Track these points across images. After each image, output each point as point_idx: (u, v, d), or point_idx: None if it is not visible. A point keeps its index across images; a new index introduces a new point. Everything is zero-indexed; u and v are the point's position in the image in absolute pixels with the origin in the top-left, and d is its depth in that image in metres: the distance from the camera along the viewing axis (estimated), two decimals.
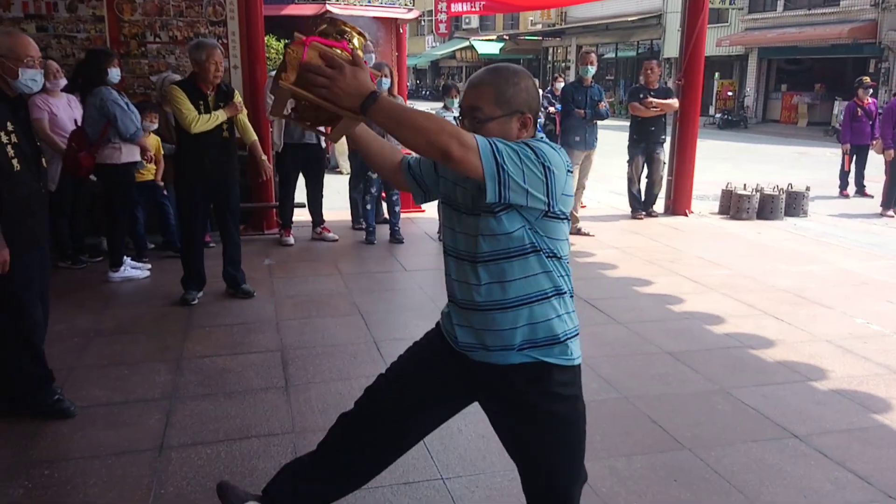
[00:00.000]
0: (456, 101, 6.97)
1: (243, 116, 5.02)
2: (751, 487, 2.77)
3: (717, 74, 26.70)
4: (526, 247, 1.76)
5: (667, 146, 8.13)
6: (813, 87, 25.14)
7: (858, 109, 9.80)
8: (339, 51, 1.67)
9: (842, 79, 24.16)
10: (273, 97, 1.81)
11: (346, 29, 1.78)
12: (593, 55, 7.43)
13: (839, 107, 20.36)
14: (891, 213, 8.66)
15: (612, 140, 11.33)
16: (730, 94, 26.53)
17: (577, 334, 1.90)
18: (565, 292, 1.85)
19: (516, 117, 1.76)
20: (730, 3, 25.45)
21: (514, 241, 1.75)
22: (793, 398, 3.56)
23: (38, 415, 3.21)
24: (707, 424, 3.28)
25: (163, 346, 4.16)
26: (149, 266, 5.68)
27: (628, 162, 8.03)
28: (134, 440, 3.08)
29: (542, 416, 1.86)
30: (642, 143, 7.84)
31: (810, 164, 14.21)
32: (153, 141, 5.86)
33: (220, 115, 4.70)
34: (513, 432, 1.95)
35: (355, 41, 1.76)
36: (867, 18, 21.41)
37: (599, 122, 7.26)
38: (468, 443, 3.09)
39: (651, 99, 7.49)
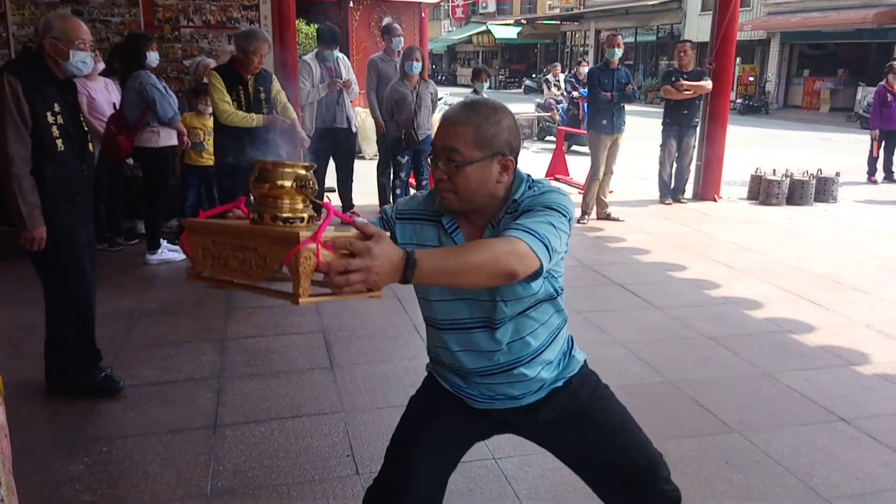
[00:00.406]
0: (485, 85, 6.97)
1: (281, 95, 5.04)
2: (802, 470, 2.78)
3: (738, 59, 26.39)
4: (543, 296, 1.70)
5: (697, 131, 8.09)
6: (836, 73, 24.80)
7: (888, 94, 9.68)
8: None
9: (865, 64, 23.83)
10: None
11: (302, 172, 1.36)
12: (620, 38, 7.36)
13: (862, 92, 20.11)
14: None
15: (635, 125, 11.25)
16: (751, 79, 26.23)
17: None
18: (566, 316, 1.83)
19: (497, 159, 1.62)
20: None
21: (537, 295, 1.68)
22: (836, 382, 3.56)
23: (89, 393, 3.28)
24: (754, 408, 3.29)
25: (206, 326, 4.22)
26: None
27: (661, 146, 7.98)
28: (187, 418, 3.13)
29: (588, 413, 1.81)
30: (675, 126, 7.79)
31: (834, 150, 14.05)
32: (211, 122, 5.88)
33: (255, 119, 4.73)
34: (572, 441, 1.84)
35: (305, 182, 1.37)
36: (892, 3, 21.05)
37: (631, 107, 7.22)
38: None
39: (683, 81, 7.44)
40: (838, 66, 24.95)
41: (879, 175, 10.06)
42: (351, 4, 11.74)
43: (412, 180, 7.04)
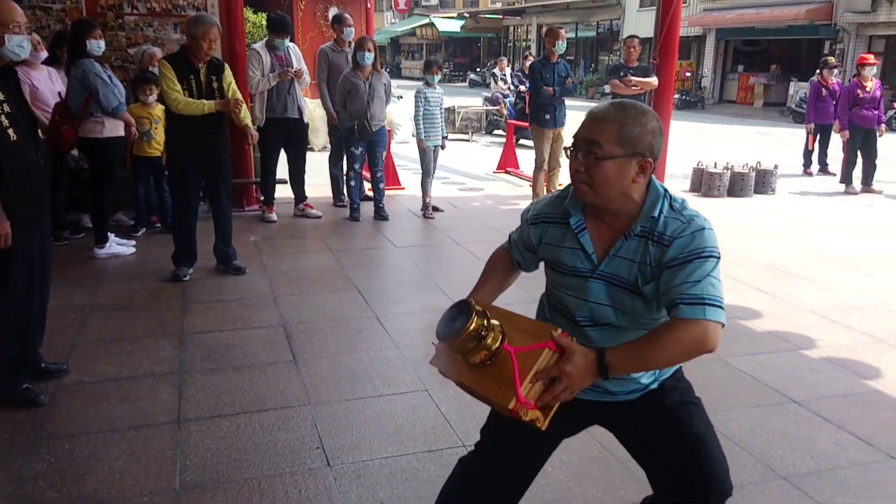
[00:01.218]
0: (437, 77, 6.95)
1: (234, 85, 4.93)
2: (760, 450, 2.90)
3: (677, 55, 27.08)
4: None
5: None
6: (769, 68, 25.71)
7: (823, 89, 10.09)
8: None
9: (797, 60, 24.78)
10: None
11: (484, 326, 1.58)
12: (563, 31, 7.44)
13: (795, 87, 20.90)
14: (853, 188, 8.98)
15: (578, 120, 11.43)
16: (688, 74, 26.93)
17: None
18: None
19: (636, 160, 1.64)
20: None
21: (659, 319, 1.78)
22: (787, 366, 3.72)
23: (5, 401, 3.06)
24: (709, 391, 3.38)
25: (162, 321, 4.11)
26: (133, 242, 5.58)
27: None
28: (150, 414, 3.06)
29: (675, 414, 1.83)
30: None
31: (769, 144, 14.57)
32: (158, 111, 5.70)
33: (207, 105, 4.61)
34: (650, 434, 1.85)
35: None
36: (822, 0, 21.93)
37: (575, 102, 7.33)
38: (484, 410, 3.13)
39: (631, 77, 7.58)
40: (771, 62, 25.87)
41: (815, 167, 10.49)
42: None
43: (366, 172, 7.00)
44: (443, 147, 6.99)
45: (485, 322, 1.56)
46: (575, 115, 8.51)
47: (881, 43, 21.33)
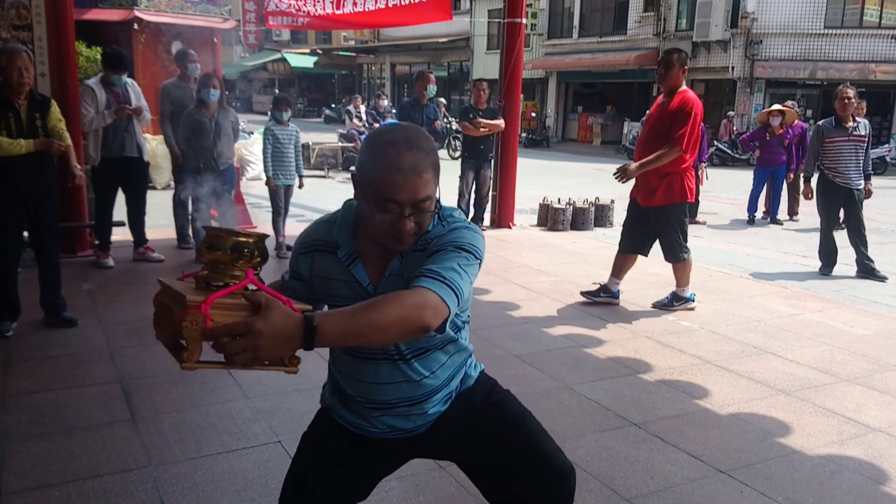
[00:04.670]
0: (286, 115, 6.85)
1: (60, 124, 4.60)
2: (605, 474, 3.04)
3: (521, 96, 28.50)
4: (441, 341, 1.72)
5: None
6: (605, 109, 27.70)
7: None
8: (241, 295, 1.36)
9: (630, 101, 26.84)
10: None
11: (242, 241, 1.43)
12: (432, 75, 7.69)
13: (628, 127, 22.61)
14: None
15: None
16: (533, 114, 28.41)
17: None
18: (470, 350, 1.85)
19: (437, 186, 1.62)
20: (531, 29, 27.32)
21: (433, 340, 1.69)
22: (628, 390, 3.95)
23: None
24: (559, 419, 3.54)
25: None
26: None
27: (460, 178, 8.37)
28: None
29: (484, 413, 1.80)
30: (472, 159, 8.23)
31: (607, 180, 15.57)
32: None
33: (24, 145, 4.28)
34: (473, 443, 1.81)
35: (255, 252, 1.44)
36: (650, 46, 24.02)
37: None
38: None
39: (480, 119, 7.88)
40: (607, 103, 27.91)
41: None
42: (136, 27, 11.05)
43: (214, 211, 6.73)
44: (300, 186, 6.89)
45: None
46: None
47: (702, 86, 23.64)
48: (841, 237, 7.10)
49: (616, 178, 5.32)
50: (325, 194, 11.47)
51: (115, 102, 6.01)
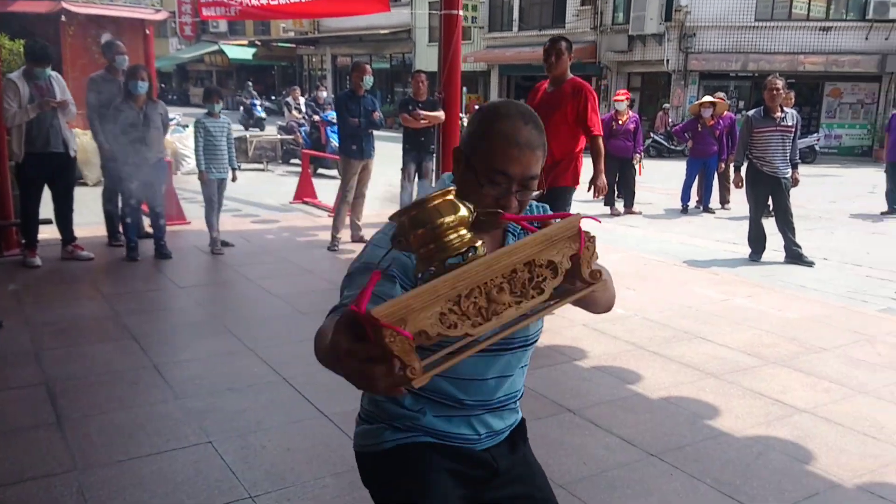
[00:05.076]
0: (218, 106, 6.68)
1: None
2: (541, 460, 3.02)
3: (464, 89, 28.59)
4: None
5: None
6: None
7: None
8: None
9: None
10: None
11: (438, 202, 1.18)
12: (369, 66, 7.61)
13: None
14: (617, 209, 9.98)
15: (384, 151, 11.63)
16: (476, 107, 28.50)
17: None
18: None
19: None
20: (472, 22, 27.39)
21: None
22: (563, 377, 4.01)
23: None
24: None
25: None
26: None
27: (401, 170, 8.33)
28: None
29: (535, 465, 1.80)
30: (413, 151, 8.19)
31: None
32: None
33: None
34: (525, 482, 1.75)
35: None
36: (588, 40, 24.33)
37: (375, 132, 7.47)
38: (274, 457, 3.04)
39: (419, 111, 7.85)
40: None
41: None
42: (63, 19, 10.64)
43: (144, 206, 6.55)
44: (233, 179, 6.75)
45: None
46: (381, 146, 8.81)
47: (638, 79, 24.10)
48: (770, 224, 7.35)
49: (596, 197, 5.60)
50: (263, 187, 11.29)
51: (39, 96, 5.79)
